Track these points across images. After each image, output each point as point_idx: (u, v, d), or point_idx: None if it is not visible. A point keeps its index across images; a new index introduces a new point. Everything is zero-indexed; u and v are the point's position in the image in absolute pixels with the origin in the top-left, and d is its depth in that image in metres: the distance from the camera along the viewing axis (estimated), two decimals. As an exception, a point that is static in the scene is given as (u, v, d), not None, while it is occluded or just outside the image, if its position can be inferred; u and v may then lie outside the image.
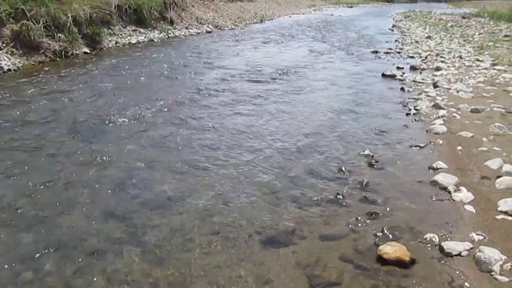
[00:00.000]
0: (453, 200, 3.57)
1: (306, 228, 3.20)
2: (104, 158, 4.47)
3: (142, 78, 8.38)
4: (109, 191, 3.76)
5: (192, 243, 3.01)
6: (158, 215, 3.38)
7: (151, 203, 3.56)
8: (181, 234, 3.11)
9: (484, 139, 4.76)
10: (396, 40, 15.47)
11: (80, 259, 2.82)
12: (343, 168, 4.21)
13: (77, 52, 10.99)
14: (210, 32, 18.05)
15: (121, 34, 13.56)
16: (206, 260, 2.82)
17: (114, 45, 12.72)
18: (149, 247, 2.96)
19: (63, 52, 10.46)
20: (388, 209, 3.47)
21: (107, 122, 5.61)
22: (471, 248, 2.86)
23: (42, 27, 10.18)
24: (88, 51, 11.38)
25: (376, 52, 12.40)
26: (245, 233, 3.14)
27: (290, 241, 3.05)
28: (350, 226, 3.23)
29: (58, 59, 10.19)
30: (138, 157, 4.52)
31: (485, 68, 8.90)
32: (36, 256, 2.85)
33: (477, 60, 9.94)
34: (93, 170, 4.17)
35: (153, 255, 2.89)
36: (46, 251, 2.91)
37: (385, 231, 3.13)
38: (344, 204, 3.56)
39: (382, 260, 2.77)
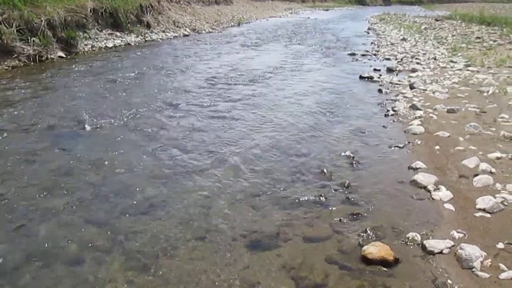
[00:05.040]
0: (433, 199, 3.64)
1: (290, 231, 3.21)
2: (82, 164, 4.38)
3: (118, 83, 8.25)
4: (89, 198, 3.68)
5: (176, 248, 2.98)
6: (141, 221, 3.32)
7: (133, 210, 3.50)
8: (164, 240, 3.07)
9: (461, 138, 4.87)
10: (372, 43, 15.69)
11: (60, 268, 2.75)
12: (325, 170, 4.24)
13: (52, 56, 10.73)
14: (187, 35, 17.94)
15: (97, 38, 13.31)
16: (191, 266, 2.79)
17: (90, 49, 12.48)
18: (132, 254, 2.91)
19: (37, 56, 10.21)
20: (370, 209, 3.51)
21: (83, 127, 5.49)
22: (452, 246, 2.92)
23: (15, 31, 9.92)
24: (64, 55, 11.12)
25: (353, 54, 12.54)
26: (229, 237, 3.12)
27: (275, 244, 3.05)
28: (334, 227, 3.25)
29: (32, 63, 9.95)
30: (118, 163, 4.44)
31: (459, 69, 9.13)
32: (13, 266, 2.77)
33: (451, 61, 10.17)
34: (71, 177, 4.07)
35: (137, 261, 2.83)
36: (24, 260, 2.82)
37: (368, 231, 3.16)
38: (327, 205, 3.58)
39: (366, 260, 2.80)
